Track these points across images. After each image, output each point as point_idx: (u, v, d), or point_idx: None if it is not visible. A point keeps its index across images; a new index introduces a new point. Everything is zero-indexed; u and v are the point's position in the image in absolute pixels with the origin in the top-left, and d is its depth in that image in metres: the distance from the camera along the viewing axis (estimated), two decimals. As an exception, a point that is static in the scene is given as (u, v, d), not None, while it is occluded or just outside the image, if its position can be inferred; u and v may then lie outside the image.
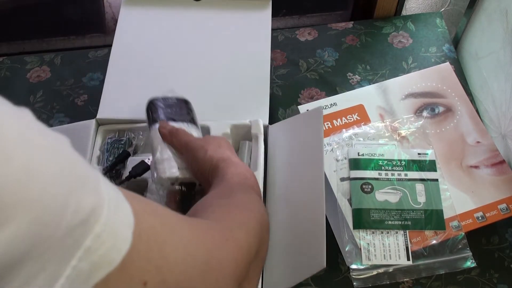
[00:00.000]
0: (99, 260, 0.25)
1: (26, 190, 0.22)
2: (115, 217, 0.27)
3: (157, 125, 0.60)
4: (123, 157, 0.67)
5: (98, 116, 0.70)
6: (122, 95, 0.73)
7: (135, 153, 0.69)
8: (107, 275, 0.26)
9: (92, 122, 0.69)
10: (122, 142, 0.69)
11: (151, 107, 0.62)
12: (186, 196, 0.58)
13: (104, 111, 0.71)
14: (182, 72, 0.75)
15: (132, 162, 0.66)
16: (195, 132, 0.61)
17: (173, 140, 0.58)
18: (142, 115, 0.63)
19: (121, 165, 0.68)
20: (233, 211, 0.43)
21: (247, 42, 0.78)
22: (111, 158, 0.68)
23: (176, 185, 0.57)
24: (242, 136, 0.69)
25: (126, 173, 0.65)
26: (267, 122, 0.69)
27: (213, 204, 0.44)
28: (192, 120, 0.63)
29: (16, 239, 0.22)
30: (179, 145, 0.57)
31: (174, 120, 0.61)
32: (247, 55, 0.77)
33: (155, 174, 0.57)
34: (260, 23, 0.79)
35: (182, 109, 0.64)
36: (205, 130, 0.68)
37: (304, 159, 0.62)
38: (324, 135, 0.72)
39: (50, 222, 0.23)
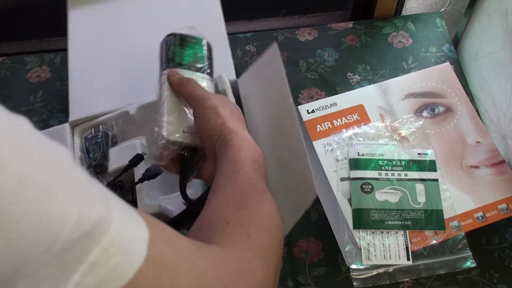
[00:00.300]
0: (107, 275, 0.24)
1: (15, 203, 0.20)
2: (127, 230, 0.25)
3: (166, 72, 0.55)
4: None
5: (70, 119, 0.70)
6: (88, 93, 0.73)
7: (115, 143, 0.68)
8: None
9: (66, 126, 0.69)
10: (99, 136, 0.68)
11: (165, 45, 0.58)
12: (187, 160, 0.55)
13: (75, 112, 0.71)
14: (139, 55, 0.74)
15: (114, 153, 0.65)
16: (206, 84, 0.57)
17: (181, 91, 0.53)
18: (112, 106, 0.65)
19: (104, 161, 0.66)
20: (251, 232, 0.38)
21: (197, 13, 0.78)
22: (92, 156, 0.66)
23: (178, 149, 0.54)
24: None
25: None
26: (234, 77, 0.69)
27: (226, 215, 0.40)
28: (208, 70, 0.58)
29: (2, 256, 0.20)
30: (189, 98, 0.53)
31: (187, 67, 0.56)
32: (200, 23, 0.76)
33: (157, 128, 0.54)
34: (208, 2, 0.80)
35: (199, 53, 0.58)
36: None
37: (273, 100, 0.59)
38: (324, 135, 0.72)
39: (44, 238, 0.21)
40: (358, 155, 0.68)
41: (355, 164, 0.68)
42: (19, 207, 0.20)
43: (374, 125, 0.72)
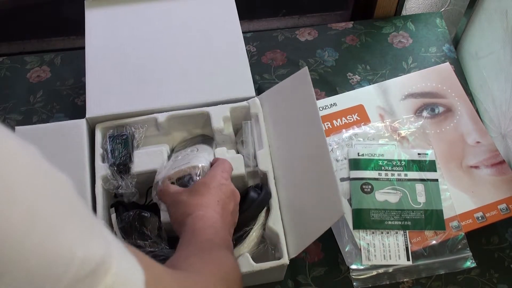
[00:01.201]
0: None
1: (28, 238, 0.20)
2: (125, 267, 0.26)
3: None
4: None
5: (87, 116, 0.70)
6: (107, 92, 0.73)
7: (137, 146, 0.69)
8: None
9: (83, 121, 0.69)
10: (124, 137, 0.69)
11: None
12: None
13: (93, 109, 0.71)
14: (160, 63, 0.75)
15: (139, 155, 0.66)
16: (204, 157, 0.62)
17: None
18: (132, 107, 0.68)
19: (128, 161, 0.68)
20: (212, 266, 0.44)
21: (217, 25, 0.79)
22: (117, 154, 0.67)
23: None
24: (242, 116, 0.71)
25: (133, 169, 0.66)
26: (253, 94, 0.71)
27: (189, 257, 0.45)
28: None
29: None
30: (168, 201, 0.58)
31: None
32: (220, 38, 0.77)
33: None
34: (225, 6, 0.80)
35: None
36: (205, 116, 0.69)
37: (300, 119, 0.63)
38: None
39: (53, 273, 0.21)
40: (358, 155, 0.68)
41: (355, 164, 0.68)
42: (29, 244, 0.20)
43: (374, 125, 0.72)
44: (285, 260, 0.57)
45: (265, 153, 0.66)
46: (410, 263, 0.63)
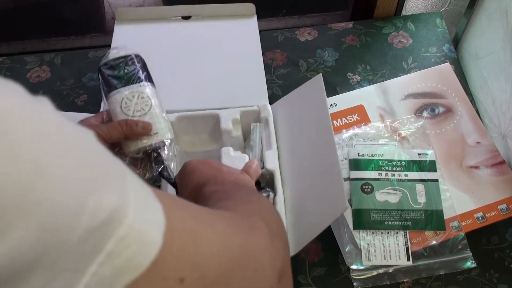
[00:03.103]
0: (124, 264, 0.23)
1: (32, 191, 0.20)
2: (143, 218, 0.24)
3: (112, 94, 0.61)
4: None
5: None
6: None
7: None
8: (136, 279, 0.23)
9: None
10: None
11: (101, 77, 0.63)
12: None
13: None
14: (181, 77, 0.78)
15: None
16: (149, 90, 0.62)
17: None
18: None
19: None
20: (249, 206, 0.41)
21: (238, 46, 0.82)
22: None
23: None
24: (252, 120, 0.72)
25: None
26: (267, 102, 0.73)
27: (226, 198, 0.43)
28: (144, 79, 0.64)
29: (21, 248, 0.20)
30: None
31: (125, 84, 0.62)
32: (240, 55, 0.80)
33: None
34: (248, 28, 0.84)
35: (132, 68, 0.64)
36: (214, 118, 0.70)
37: (310, 122, 0.65)
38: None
39: (63, 227, 0.21)
40: (358, 155, 0.68)
41: (355, 164, 0.68)
42: (36, 196, 0.20)
43: (374, 125, 0.72)
44: None
45: (273, 154, 0.66)
46: (410, 263, 0.63)
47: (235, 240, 0.32)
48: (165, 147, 0.61)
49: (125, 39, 0.82)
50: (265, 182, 0.67)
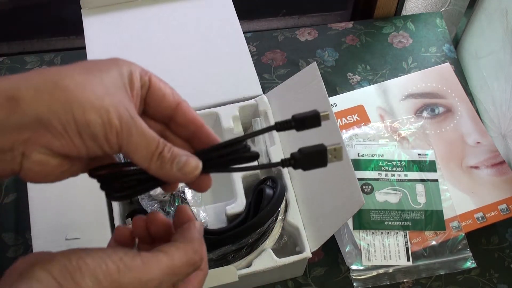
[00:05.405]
0: None
1: None
2: None
3: None
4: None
5: None
6: None
7: None
8: None
9: None
10: None
11: None
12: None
13: None
14: (163, 67, 0.74)
15: None
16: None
17: None
18: None
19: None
20: None
21: (217, 26, 0.78)
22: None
23: None
24: (251, 115, 0.71)
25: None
26: (260, 92, 0.71)
27: None
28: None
29: None
30: None
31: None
32: (221, 38, 0.77)
33: None
34: (223, 6, 0.79)
35: None
36: (214, 117, 0.69)
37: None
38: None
39: None
40: (358, 155, 0.69)
41: (355, 164, 0.68)
42: None
43: (374, 125, 0.72)
44: (308, 253, 0.57)
45: (277, 148, 0.66)
46: (410, 263, 0.63)
47: None
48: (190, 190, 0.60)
49: (98, 35, 0.78)
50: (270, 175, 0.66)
